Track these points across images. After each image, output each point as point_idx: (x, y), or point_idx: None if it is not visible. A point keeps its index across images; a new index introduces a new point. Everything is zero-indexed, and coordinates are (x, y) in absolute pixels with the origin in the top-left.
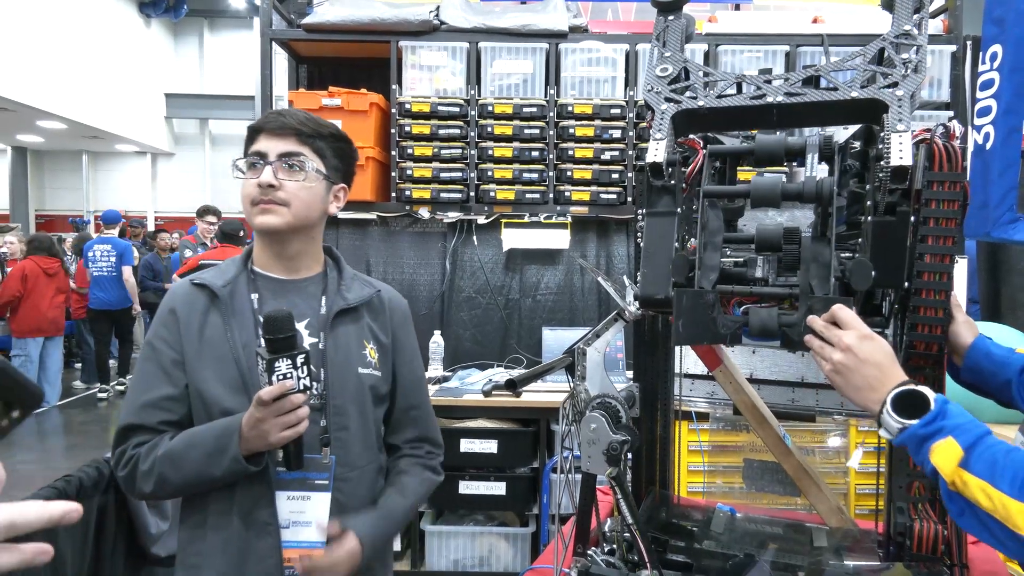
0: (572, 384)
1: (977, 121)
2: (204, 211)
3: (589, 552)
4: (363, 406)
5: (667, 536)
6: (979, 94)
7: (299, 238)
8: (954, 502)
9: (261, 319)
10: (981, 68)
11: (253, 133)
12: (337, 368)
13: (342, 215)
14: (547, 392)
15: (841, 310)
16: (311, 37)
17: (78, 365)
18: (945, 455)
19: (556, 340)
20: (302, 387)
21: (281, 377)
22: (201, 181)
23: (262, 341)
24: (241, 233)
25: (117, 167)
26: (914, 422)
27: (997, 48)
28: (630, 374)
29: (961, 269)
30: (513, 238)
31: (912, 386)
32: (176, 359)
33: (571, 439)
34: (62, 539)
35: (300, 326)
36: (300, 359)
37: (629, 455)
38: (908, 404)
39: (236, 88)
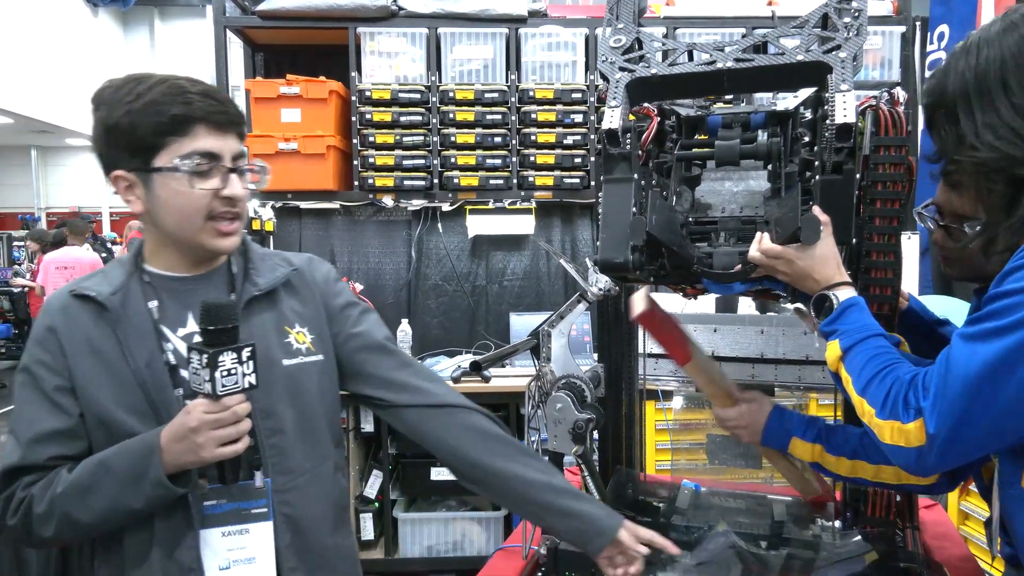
0: (538, 366)
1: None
2: None
3: None
4: (299, 400)
5: (634, 512)
6: (927, 73)
7: None
8: (839, 385)
9: (197, 313)
10: (929, 48)
11: (183, 123)
12: (258, 366)
13: (304, 205)
14: (515, 377)
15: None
16: (267, 24)
17: None
18: (831, 353)
19: (523, 325)
20: (248, 384)
21: (226, 373)
22: None
23: (175, 345)
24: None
25: (69, 162)
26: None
27: (944, 28)
28: (597, 356)
29: (913, 246)
30: (478, 224)
31: (827, 291)
32: (62, 386)
33: (538, 420)
34: None
35: None
36: (246, 353)
37: (595, 434)
38: (824, 307)
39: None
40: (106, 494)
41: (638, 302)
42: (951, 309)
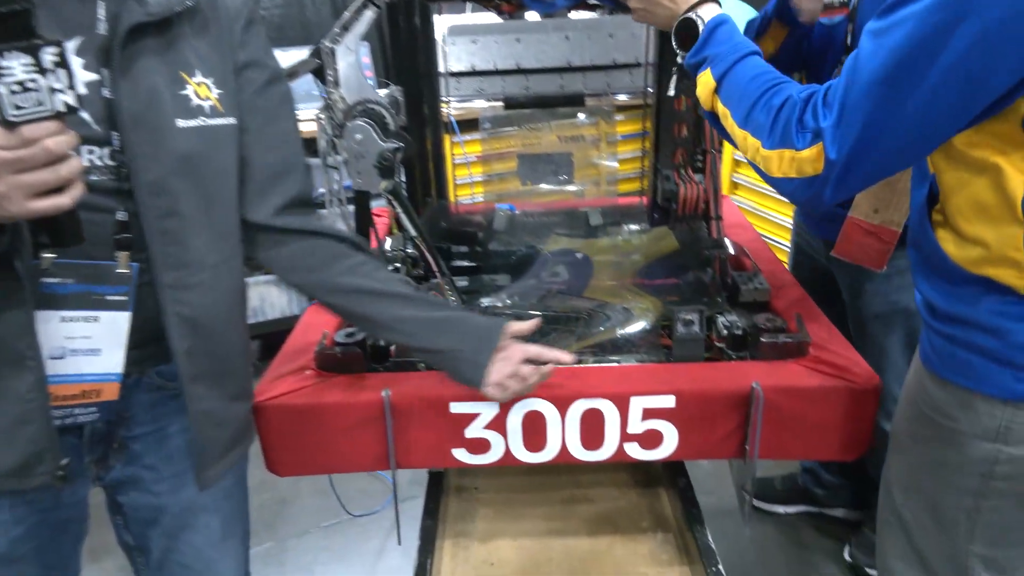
0: (325, 92)
1: None
2: None
3: None
4: (202, 176)
5: (450, 244)
6: None
7: None
8: (716, 125)
9: None
10: None
11: None
12: (140, 124)
13: None
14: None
15: None
16: None
17: None
18: (703, 86)
19: (288, 63)
20: (63, 107)
21: (20, 89)
22: None
23: None
24: None
25: None
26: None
27: None
28: (383, 92)
29: None
30: None
31: (689, 14)
32: None
33: (335, 158)
34: None
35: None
36: (50, 57)
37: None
38: (688, 34)
39: None
40: None
41: None
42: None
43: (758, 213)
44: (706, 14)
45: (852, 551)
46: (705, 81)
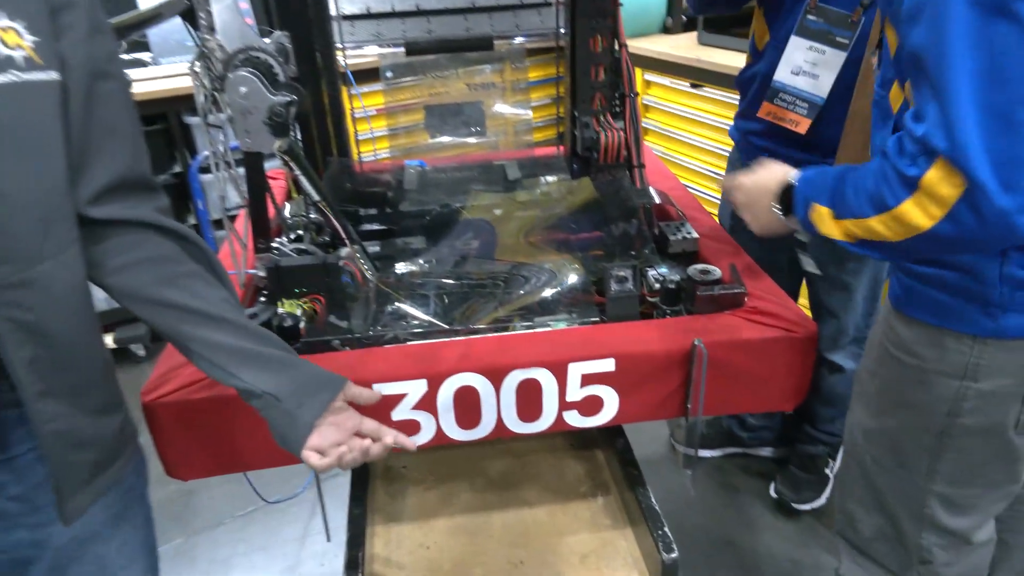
0: (198, 40)
1: None
2: None
3: (274, 245)
4: (18, 147)
5: (358, 206)
6: None
7: None
8: (865, 248)
9: None
10: None
11: None
12: None
13: None
14: (165, 77)
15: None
16: None
17: None
18: (822, 221)
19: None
20: None
21: None
22: None
23: None
24: None
25: None
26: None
27: None
28: (267, 40)
29: None
30: None
31: (779, 187)
32: None
33: (218, 117)
34: None
35: None
36: None
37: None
38: (787, 201)
39: None
40: None
41: None
42: None
43: (669, 158)
44: (793, 176)
45: (778, 487)
46: (819, 216)
